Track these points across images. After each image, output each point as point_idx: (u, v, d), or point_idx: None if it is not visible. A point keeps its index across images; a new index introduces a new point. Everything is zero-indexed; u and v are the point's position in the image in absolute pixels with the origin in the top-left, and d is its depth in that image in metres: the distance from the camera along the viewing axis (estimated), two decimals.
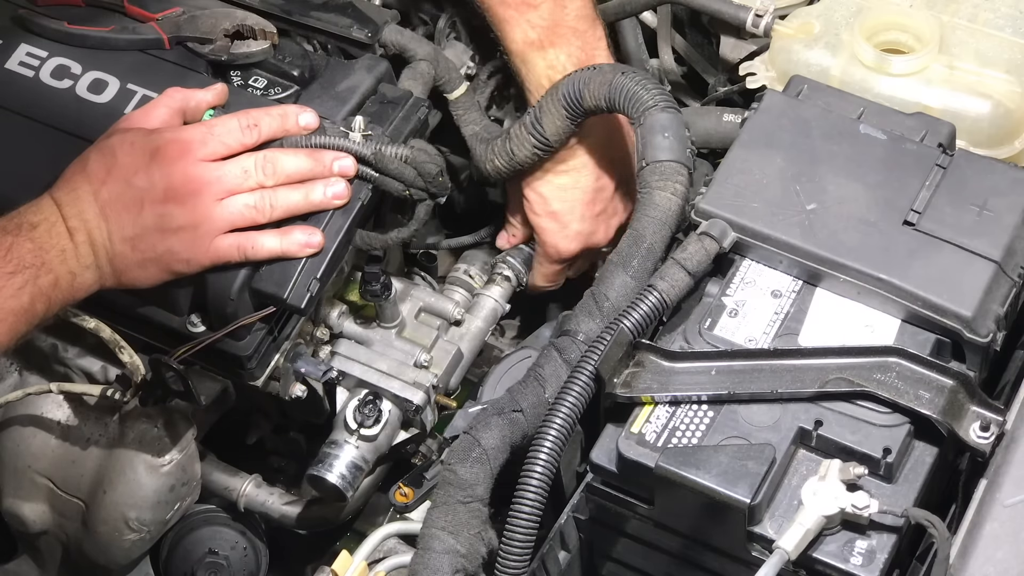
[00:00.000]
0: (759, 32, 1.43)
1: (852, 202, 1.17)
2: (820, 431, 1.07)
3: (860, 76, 1.33)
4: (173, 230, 1.21)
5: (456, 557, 1.11)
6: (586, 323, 1.19)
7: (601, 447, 1.10)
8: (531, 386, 1.17)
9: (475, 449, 1.13)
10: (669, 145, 1.25)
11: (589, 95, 1.30)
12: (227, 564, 1.46)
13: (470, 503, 1.12)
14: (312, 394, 1.37)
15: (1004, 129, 1.31)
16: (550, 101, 1.34)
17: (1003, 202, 1.16)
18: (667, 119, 1.26)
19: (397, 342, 1.40)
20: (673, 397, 1.09)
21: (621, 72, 1.29)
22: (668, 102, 1.27)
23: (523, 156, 1.38)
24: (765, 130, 1.22)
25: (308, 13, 1.42)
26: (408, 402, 1.36)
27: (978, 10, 1.36)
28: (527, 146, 1.37)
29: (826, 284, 1.15)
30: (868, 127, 1.21)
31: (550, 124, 1.35)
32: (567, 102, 1.32)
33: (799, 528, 1.01)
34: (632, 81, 1.28)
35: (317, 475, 1.34)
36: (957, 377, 1.07)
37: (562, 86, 1.33)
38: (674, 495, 1.06)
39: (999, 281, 1.13)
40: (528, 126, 1.36)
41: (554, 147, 1.37)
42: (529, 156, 1.38)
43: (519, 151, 1.38)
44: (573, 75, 1.33)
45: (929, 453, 1.08)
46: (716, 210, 1.17)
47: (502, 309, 1.48)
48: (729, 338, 1.13)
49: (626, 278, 1.20)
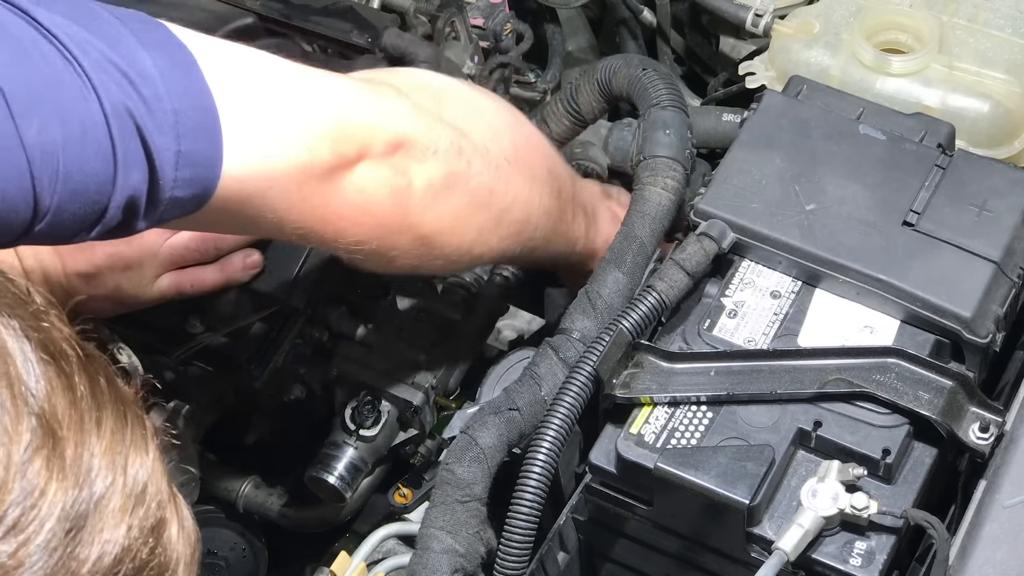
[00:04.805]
0: (759, 32, 1.43)
1: (851, 202, 1.17)
2: (819, 432, 1.07)
3: (860, 76, 1.33)
4: (121, 268, 1.23)
5: (455, 557, 1.11)
6: (581, 321, 1.19)
7: (600, 448, 1.10)
8: (527, 385, 1.17)
9: (472, 448, 1.13)
10: (668, 142, 1.26)
11: (616, 83, 1.36)
12: (226, 565, 1.45)
13: (468, 503, 1.12)
14: (311, 395, 1.37)
15: (1004, 129, 1.31)
16: (586, 81, 1.39)
17: (1003, 202, 1.16)
18: (670, 116, 1.28)
19: (396, 343, 1.40)
20: (672, 398, 1.09)
21: (643, 68, 1.34)
22: (675, 101, 1.29)
23: (559, 130, 1.43)
24: (764, 130, 1.22)
25: (308, 17, 1.42)
26: (407, 403, 1.36)
27: (978, 10, 1.36)
28: (564, 121, 1.42)
29: (825, 285, 1.15)
30: (867, 127, 1.21)
31: (585, 102, 1.40)
32: (600, 86, 1.38)
33: (798, 529, 1.01)
34: (647, 77, 1.32)
35: (316, 476, 1.34)
36: (956, 378, 1.07)
37: (598, 70, 1.38)
38: (673, 496, 1.06)
39: (998, 282, 1.13)
40: (564, 103, 1.42)
41: (588, 122, 1.43)
42: (565, 130, 1.43)
43: (555, 126, 1.43)
44: (607, 61, 1.38)
45: (928, 454, 1.08)
46: (715, 210, 1.17)
47: (502, 309, 1.48)
48: (728, 339, 1.13)
49: (619, 275, 1.21)
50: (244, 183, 0.95)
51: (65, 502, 0.65)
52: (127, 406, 0.70)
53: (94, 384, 0.69)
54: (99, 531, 0.67)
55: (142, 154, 0.88)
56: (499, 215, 1.15)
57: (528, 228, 1.19)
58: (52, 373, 0.67)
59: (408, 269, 1.14)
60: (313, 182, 0.99)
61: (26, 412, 0.65)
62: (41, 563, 0.64)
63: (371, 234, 1.06)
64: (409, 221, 1.07)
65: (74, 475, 0.66)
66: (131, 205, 0.89)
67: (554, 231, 1.23)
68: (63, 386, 0.67)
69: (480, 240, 1.15)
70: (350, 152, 1.01)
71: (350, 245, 1.06)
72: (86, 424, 0.67)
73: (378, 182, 1.03)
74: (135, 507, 0.69)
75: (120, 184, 0.87)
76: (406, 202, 1.06)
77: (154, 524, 0.70)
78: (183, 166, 0.90)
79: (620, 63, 1.36)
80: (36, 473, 0.64)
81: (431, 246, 1.11)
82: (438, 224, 1.10)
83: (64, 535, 0.65)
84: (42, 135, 0.83)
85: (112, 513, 0.67)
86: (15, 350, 0.66)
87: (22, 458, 0.64)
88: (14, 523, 0.63)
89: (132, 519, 0.69)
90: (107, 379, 0.70)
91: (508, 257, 1.22)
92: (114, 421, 0.69)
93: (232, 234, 1.26)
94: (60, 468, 0.65)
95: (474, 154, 1.11)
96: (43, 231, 0.86)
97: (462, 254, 1.15)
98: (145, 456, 0.70)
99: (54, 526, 0.65)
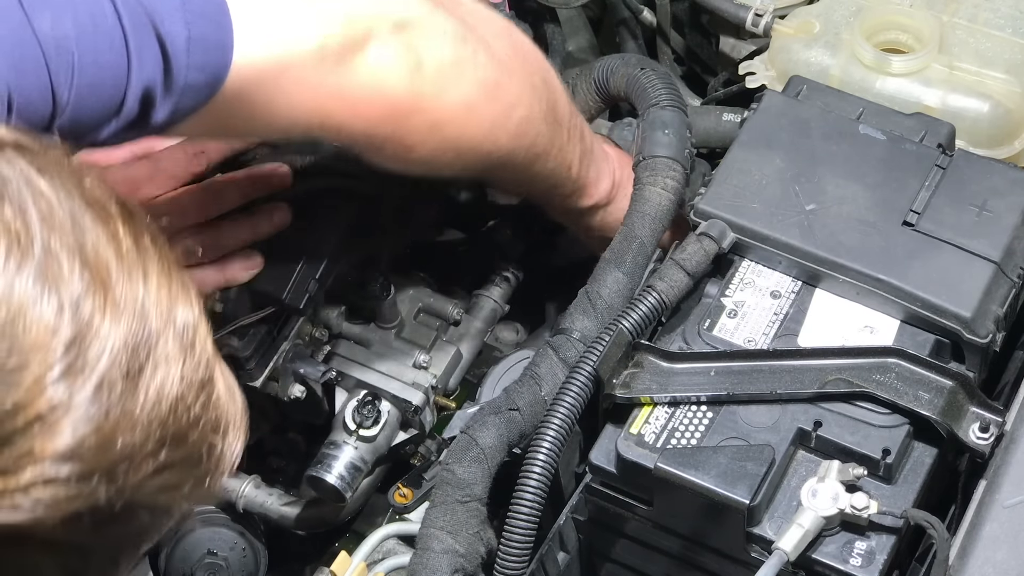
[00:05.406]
0: (759, 31, 1.43)
1: (851, 202, 1.17)
2: (819, 432, 1.07)
3: (860, 76, 1.33)
4: None
5: (455, 557, 1.11)
6: (581, 321, 1.19)
7: (600, 448, 1.10)
8: (527, 384, 1.17)
9: (472, 448, 1.13)
10: (667, 142, 1.26)
11: (613, 83, 1.36)
12: (226, 565, 1.45)
13: (468, 503, 1.12)
14: (311, 395, 1.37)
15: (1004, 129, 1.30)
16: (582, 81, 1.39)
17: (1003, 202, 1.16)
18: (669, 116, 1.28)
19: (396, 343, 1.40)
20: (672, 398, 1.09)
21: (641, 67, 1.33)
22: (674, 101, 1.29)
23: None
24: (764, 130, 1.22)
25: None
26: (407, 403, 1.36)
27: (978, 10, 1.36)
28: None
29: (825, 285, 1.15)
30: (867, 127, 1.21)
31: (581, 102, 1.39)
32: (597, 86, 1.37)
33: (798, 529, 1.01)
34: (646, 77, 1.32)
35: (316, 476, 1.34)
36: (956, 378, 1.07)
37: (595, 69, 1.37)
38: (673, 496, 1.06)
39: (998, 282, 1.13)
40: None
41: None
42: None
43: None
44: (604, 60, 1.38)
45: (928, 454, 1.08)
46: (715, 210, 1.17)
47: (501, 310, 1.48)
48: (728, 339, 1.13)
49: (619, 275, 1.21)
50: (257, 69, 0.97)
51: (118, 340, 0.66)
52: (171, 262, 0.71)
53: (138, 237, 0.70)
54: (154, 373, 0.67)
55: (155, 42, 0.90)
56: (507, 110, 1.17)
57: (532, 131, 1.20)
58: (99, 226, 0.68)
59: (422, 166, 1.15)
60: (327, 64, 1.02)
61: (76, 260, 0.66)
62: (98, 404, 0.65)
63: (385, 115, 1.08)
64: (422, 104, 1.10)
65: (127, 315, 0.67)
66: (147, 95, 0.91)
67: (552, 143, 1.23)
68: (109, 235, 0.68)
69: (491, 136, 1.16)
70: (360, 33, 1.04)
71: (366, 130, 1.09)
72: (133, 272, 0.68)
73: (389, 60, 1.06)
74: (187, 355, 0.69)
75: (135, 75, 0.89)
76: (418, 81, 1.08)
77: (204, 378, 0.71)
78: (194, 51, 0.92)
79: (618, 63, 1.36)
80: (89, 314, 0.65)
81: (444, 135, 1.13)
82: (451, 110, 1.12)
83: (120, 375, 0.66)
84: (55, 29, 0.84)
85: (165, 357, 0.68)
86: (59, 202, 0.67)
87: (74, 301, 0.65)
88: (70, 365, 0.64)
89: (185, 368, 0.69)
90: (150, 235, 0.71)
91: (513, 165, 1.22)
92: (159, 272, 0.69)
93: (245, 135, 1.26)
94: (113, 308, 0.66)
95: (479, 45, 1.13)
96: (63, 127, 0.87)
97: (473, 148, 1.16)
98: (191, 307, 0.71)
99: (109, 366, 0.65)
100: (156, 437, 0.68)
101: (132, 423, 0.66)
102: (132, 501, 0.68)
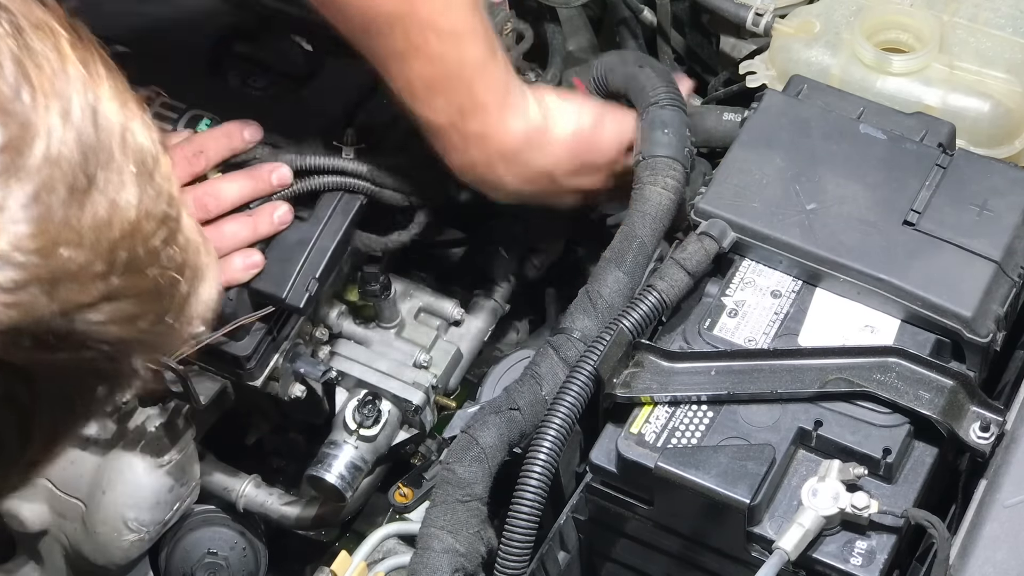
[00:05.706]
0: (759, 31, 1.43)
1: (852, 202, 1.17)
2: (820, 431, 1.07)
3: (860, 75, 1.33)
4: None
5: (455, 556, 1.11)
6: (581, 320, 1.19)
7: (600, 447, 1.10)
8: (528, 384, 1.17)
9: (473, 448, 1.13)
10: (667, 141, 1.26)
11: (612, 80, 1.35)
12: (226, 565, 1.45)
13: (469, 502, 1.12)
14: (311, 394, 1.37)
15: (1004, 129, 1.30)
16: (584, 76, 1.40)
17: (1003, 202, 1.16)
18: (669, 115, 1.28)
19: (396, 342, 1.40)
20: (673, 397, 1.09)
21: (640, 65, 1.33)
22: (674, 99, 1.29)
23: None
24: (765, 130, 1.22)
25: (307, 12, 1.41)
26: (407, 402, 1.36)
27: (978, 10, 1.36)
28: None
29: (826, 284, 1.15)
30: (868, 127, 1.21)
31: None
32: (596, 84, 1.37)
33: (799, 528, 1.01)
34: (644, 75, 1.31)
35: (316, 475, 1.34)
36: (957, 377, 1.07)
37: (593, 67, 1.37)
38: (674, 495, 1.06)
39: (999, 281, 1.13)
40: None
41: None
42: None
43: None
44: (605, 57, 1.38)
45: (929, 453, 1.07)
46: (716, 210, 1.17)
47: (501, 309, 1.48)
48: (729, 338, 1.13)
49: (619, 274, 1.21)
50: None
51: (63, 147, 0.64)
52: (126, 90, 0.69)
53: (88, 57, 0.68)
54: (104, 189, 0.65)
55: None
56: None
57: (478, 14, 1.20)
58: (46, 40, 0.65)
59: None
60: None
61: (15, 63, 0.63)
62: (37, 208, 0.62)
63: None
64: None
65: (72, 122, 0.64)
66: None
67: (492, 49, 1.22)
68: (54, 47, 0.66)
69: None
70: None
71: None
72: (85, 85, 0.66)
73: None
74: (145, 184, 0.67)
75: None
76: None
77: (165, 215, 0.69)
78: None
79: (616, 61, 1.36)
80: (27, 114, 0.63)
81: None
82: None
83: (63, 183, 0.63)
84: None
85: (119, 178, 0.66)
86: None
87: (10, 100, 0.62)
88: (4, 165, 0.62)
89: (143, 195, 0.67)
90: (104, 63, 0.69)
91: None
92: (112, 92, 0.67)
93: None
94: (63, 114, 0.64)
95: None
96: None
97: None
98: (151, 139, 0.69)
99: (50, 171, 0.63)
100: (105, 259, 0.65)
101: (77, 238, 0.64)
102: (81, 330, 0.65)
